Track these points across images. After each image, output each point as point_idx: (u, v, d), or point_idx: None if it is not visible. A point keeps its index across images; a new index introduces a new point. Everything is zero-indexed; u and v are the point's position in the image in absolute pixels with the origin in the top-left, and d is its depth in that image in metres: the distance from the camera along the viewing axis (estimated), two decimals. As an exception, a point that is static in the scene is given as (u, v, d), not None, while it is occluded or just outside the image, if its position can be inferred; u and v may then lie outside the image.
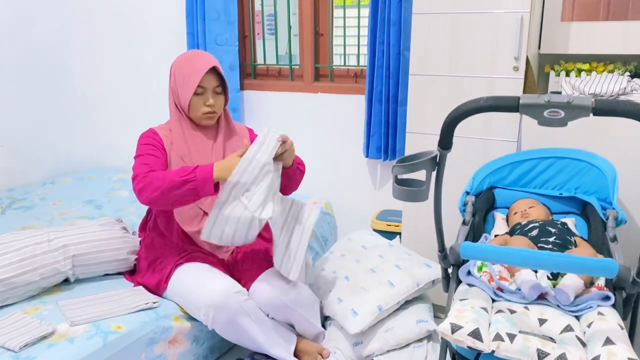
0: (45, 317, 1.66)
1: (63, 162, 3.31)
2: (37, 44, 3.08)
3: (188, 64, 1.85)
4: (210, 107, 1.86)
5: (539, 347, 1.18)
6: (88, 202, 2.72)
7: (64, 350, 1.50)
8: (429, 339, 1.93)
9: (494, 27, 1.97)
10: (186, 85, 1.83)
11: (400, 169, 1.39)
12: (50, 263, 1.80)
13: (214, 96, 1.87)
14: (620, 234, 1.68)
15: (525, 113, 1.23)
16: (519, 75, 1.96)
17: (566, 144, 1.88)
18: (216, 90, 1.87)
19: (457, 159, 2.08)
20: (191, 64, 1.84)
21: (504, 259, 1.29)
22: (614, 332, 1.21)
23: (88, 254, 1.88)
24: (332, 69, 2.87)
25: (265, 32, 3.03)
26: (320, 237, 2.72)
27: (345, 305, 1.88)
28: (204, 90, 1.84)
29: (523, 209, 1.76)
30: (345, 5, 2.81)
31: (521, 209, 1.76)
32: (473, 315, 1.28)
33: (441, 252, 1.55)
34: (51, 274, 1.80)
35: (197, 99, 1.84)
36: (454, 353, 1.38)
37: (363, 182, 2.84)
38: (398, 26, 2.44)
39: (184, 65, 1.85)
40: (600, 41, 2.06)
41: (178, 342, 1.79)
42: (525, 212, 1.74)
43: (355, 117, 2.78)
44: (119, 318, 1.67)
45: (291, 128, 2.96)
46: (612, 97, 1.93)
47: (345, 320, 1.85)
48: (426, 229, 2.26)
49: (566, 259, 1.21)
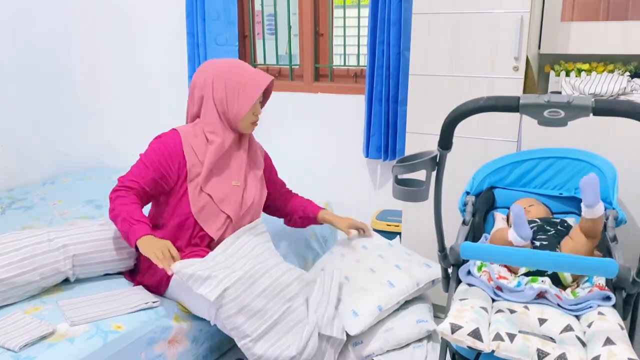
0: (45, 317, 1.66)
1: (63, 162, 3.31)
2: (37, 44, 3.09)
3: (244, 75, 1.89)
4: (256, 116, 1.95)
5: (539, 347, 1.18)
6: (88, 202, 2.72)
7: (64, 350, 1.50)
8: (429, 339, 1.93)
9: (494, 27, 1.97)
10: (244, 97, 1.87)
11: (400, 169, 1.39)
12: (51, 263, 1.80)
13: (259, 105, 1.96)
14: (620, 234, 1.68)
15: (525, 113, 1.23)
16: (519, 75, 1.97)
17: (566, 144, 1.88)
18: (260, 99, 1.96)
19: (457, 159, 2.08)
20: (248, 76, 1.89)
21: (504, 259, 1.29)
22: (614, 332, 1.21)
23: (88, 254, 1.87)
24: (332, 69, 2.87)
25: (265, 32, 3.03)
26: (320, 237, 2.72)
27: (345, 306, 1.88)
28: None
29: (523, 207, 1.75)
30: (345, 5, 2.81)
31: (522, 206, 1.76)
32: (473, 315, 1.28)
33: (441, 252, 1.55)
34: (51, 273, 1.80)
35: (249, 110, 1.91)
36: (454, 353, 1.38)
37: (363, 182, 2.84)
38: (398, 26, 2.44)
39: (239, 76, 1.88)
40: (600, 41, 2.06)
41: (178, 342, 1.79)
42: (526, 209, 1.74)
43: (355, 117, 2.78)
44: (119, 318, 1.67)
45: (291, 128, 2.97)
46: (612, 97, 1.93)
47: (345, 321, 1.85)
48: (426, 229, 2.26)
49: (566, 258, 1.21)
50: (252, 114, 1.92)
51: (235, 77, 1.87)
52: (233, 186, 1.92)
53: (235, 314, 1.59)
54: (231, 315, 1.59)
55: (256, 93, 1.87)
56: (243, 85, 1.87)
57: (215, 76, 1.88)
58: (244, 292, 1.60)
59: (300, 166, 2.98)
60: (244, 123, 1.92)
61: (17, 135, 3.03)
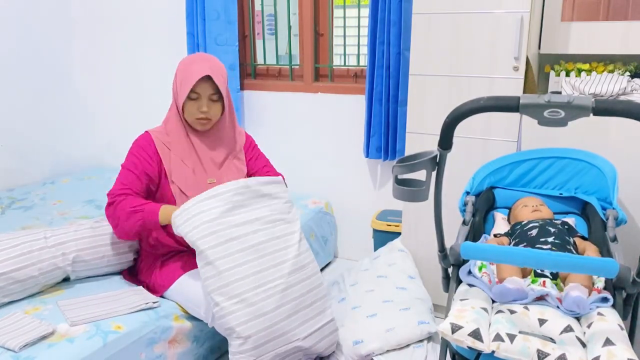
0: (45, 317, 1.66)
1: (63, 162, 3.31)
2: (38, 43, 3.09)
3: (186, 67, 1.85)
4: (203, 113, 1.85)
5: (539, 347, 1.18)
6: (88, 202, 2.72)
7: (64, 350, 1.50)
8: (429, 339, 1.93)
9: (494, 27, 1.97)
10: (182, 88, 1.83)
11: (400, 169, 1.39)
12: (48, 258, 1.81)
13: (209, 103, 1.86)
14: (620, 234, 1.68)
15: (525, 113, 1.23)
16: (519, 75, 1.96)
17: (566, 144, 1.88)
18: (212, 97, 1.86)
19: (457, 159, 2.08)
20: (189, 68, 1.84)
21: (504, 259, 1.29)
22: (614, 333, 1.21)
23: (86, 249, 1.88)
24: (332, 69, 2.87)
25: (265, 32, 3.03)
26: (320, 237, 2.72)
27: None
28: (198, 96, 1.84)
29: (534, 204, 1.75)
30: (345, 5, 2.81)
31: (532, 204, 1.75)
32: (473, 316, 1.28)
33: (441, 252, 1.55)
34: (50, 268, 1.81)
35: (191, 104, 1.85)
36: (454, 353, 1.38)
37: (363, 182, 2.84)
38: (398, 26, 2.44)
39: (183, 68, 1.85)
40: (600, 41, 2.06)
41: (178, 342, 1.79)
42: (536, 207, 1.73)
43: (355, 117, 2.78)
44: (119, 318, 1.67)
45: (291, 128, 2.97)
46: (612, 97, 1.93)
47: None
48: (426, 229, 2.26)
49: (566, 258, 1.21)
50: (197, 109, 1.84)
51: (182, 69, 1.85)
52: (208, 184, 1.90)
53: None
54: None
55: (189, 84, 1.80)
56: (184, 78, 1.83)
57: (176, 69, 1.88)
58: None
59: (301, 166, 2.98)
60: (189, 117, 1.87)
61: (17, 135, 3.03)
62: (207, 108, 1.85)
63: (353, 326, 1.93)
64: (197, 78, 1.79)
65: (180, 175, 1.87)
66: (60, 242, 1.86)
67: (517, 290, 1.37)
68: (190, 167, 1.89)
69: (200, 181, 1.89)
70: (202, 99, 1.84)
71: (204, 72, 1.80)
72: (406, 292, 2.08)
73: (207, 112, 1.85)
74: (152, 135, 1.89)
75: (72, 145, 3.36)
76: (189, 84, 1.80)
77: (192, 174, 1.89)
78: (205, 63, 1.84)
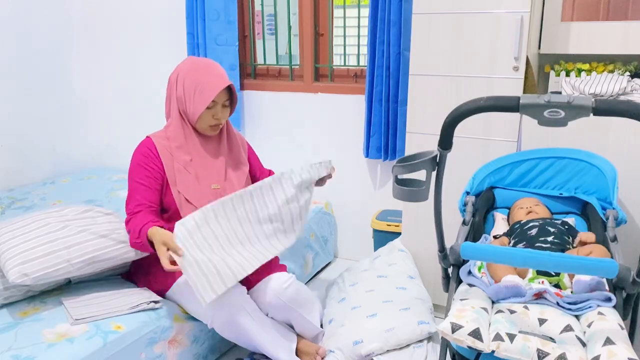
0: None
1: (63, 162, 3.31)
2: (38, 43, 3.08)
3: (202, 76, 1.84)
4: (217, 120, 1.89)
5: (539, 347, 1.18)
6: (88, 202, 2.71)
7: (64, 350, 1.50)
8: (429, 339, 1.93)
9: (494, 27, 1.97)
10: (199, 97, 1.83)
11: (400, 169, 1.39)
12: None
13: (222, 109, 1.89)
14: (620, 234, 1.68)
15: (525, 113, 1.23)
16: (519, 75, 1.96)
17: (566, 144, 1.88)
18: (225, 104, 1.90)
19: (457, 159, 2.08)
20: (206, 78, 1.83)
21: (504, 259, 1.29)
22: (614, 332, 1.21)
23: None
24: (332, 69, 2.87)
25: (265, 32, 3.03)
26: (320, 237, 2.72)
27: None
28: (215, 104, 1.86)
29: (529, 205, 1.75)
30: (345, 5, 2.81)
31: (527, 205, 1.76)
32: (473, 315, 1.28)
33: (441, 252, 1.55)
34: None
35: (207, 112, 1.86)
36: (454, 353, 1.38)
37: (363, 182, 2.84)
38: (398, 26, 2.44)
39: (197, 76, 1.84)
40: (600, 41, 2.06)
41: (178, 342, 1.79)
42: (531, 208, 1.74)
43: (355, 117, 2.78)
44: (119, 318, 1.67)
45: (291, 128, 2.97)
46: (612, 97, 1.93)
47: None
48: (426, 229, 2.26)
49: (566, 259, 1.21)
50: (212, 116, 1.87)
51: (194, 77, 1.84)
52: (212, 190, 1.90)
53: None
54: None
55: (211, 95, 1.82)
56: (200, 86, 1.83)
57: (179, 74, 1.87)
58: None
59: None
60: (201, 125, 1.88)
61: (17, 135, 3.03)
62: (221, 114, 1.89)
63: (353, 326, 1.93)
64: (219, 89, 1.83)
65: (183, 183, 1.86)
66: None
67: (513, 287, 1.37)
68: (193, 173, 1.88)
69: (203, 188, 1.89)
70: (217, 107, 1.87)
71: (225, 83, 1.84)
72: (406, 292, 2.08)
73: (220, 118, 1.89)
74: (153, 140, 1.88)
75: (72, 146, 3.35)
76: (209, 95, 1.82)
77: (196, 180, 1.88)
78: (217, 71, 1.88)
